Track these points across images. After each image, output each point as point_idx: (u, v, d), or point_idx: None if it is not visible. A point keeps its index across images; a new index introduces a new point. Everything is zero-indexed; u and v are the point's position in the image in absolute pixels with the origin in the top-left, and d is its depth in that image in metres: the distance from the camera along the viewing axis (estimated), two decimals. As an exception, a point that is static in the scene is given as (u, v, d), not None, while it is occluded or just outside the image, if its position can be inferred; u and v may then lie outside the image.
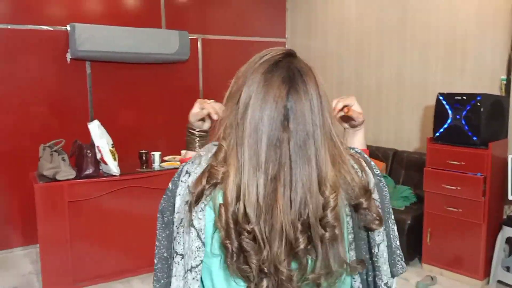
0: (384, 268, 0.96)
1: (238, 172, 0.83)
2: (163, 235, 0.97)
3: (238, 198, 0.83)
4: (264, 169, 0.82)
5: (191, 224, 0.90)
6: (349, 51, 4.50)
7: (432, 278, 3.20)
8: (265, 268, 0.82)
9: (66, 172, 3.00)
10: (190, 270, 0.92)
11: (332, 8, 4.66)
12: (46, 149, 3.13)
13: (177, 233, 0.94)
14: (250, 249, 0.82)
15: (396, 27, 4.05)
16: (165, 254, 0.96)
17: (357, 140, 1.22)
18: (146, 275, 3.24)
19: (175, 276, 0.95)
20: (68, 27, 3.84)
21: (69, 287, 3.03)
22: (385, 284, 0.97)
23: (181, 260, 0.94)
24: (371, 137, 4.19)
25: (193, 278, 0.92)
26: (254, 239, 0.81)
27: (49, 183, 2.95)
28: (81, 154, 3.11)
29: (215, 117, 1.10)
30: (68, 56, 3.90)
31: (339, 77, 4.49)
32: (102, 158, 3.10)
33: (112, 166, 3.10)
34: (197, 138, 1.19)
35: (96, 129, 3.10)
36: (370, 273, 0.97)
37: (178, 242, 0.94)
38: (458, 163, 3.12)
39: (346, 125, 1.21)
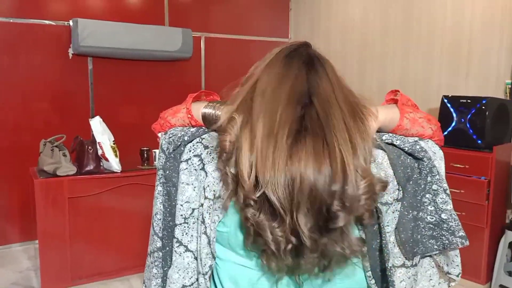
0: (395, 251, 0.92)
1: (251, 144, 0.79)
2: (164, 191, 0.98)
3: (250, 171, 0.79)
4: (278, 138, 0.78)
5: (204, 232, 0.89)
6: (352, 52, 4.48)
7: (433, 281, 3.18)
8: (285, 238, 0.79)
9: (67, 167, 2.96)
10: (204, 274, 0.91)
11: (337, 8, 4.65)
12: (47, 145, 3.10)
13: (185, 223, 0.92)
14: (267, 218, 0.78)
15: (400, 28, 4.04)
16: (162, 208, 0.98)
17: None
18: (145, 273, 3.21)
19: (176, 267, 0.93)
20: (70, 22, 3.82)
21: (68, 284, 3.00)
22: (392, 266, 0.92)
23: (184, 252, 0.92)
24: (373, 139, 4.17)
25: (206, 285, 0.92)
26: (273, 209, 0.78)
27: (49, 179, 2.92)
28: (82, 150, 3.08)
29: None
30: (70, 52, 3.87)
31: (342, 78, 4.47)
32: (103, 155, 3.07)
33: (113, 163, 3.07)
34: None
35: (97, 125, 3.07)
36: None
37: (186, 233, 0.92)
38: (462, 166, 3.10)
39: None
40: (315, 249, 0.79)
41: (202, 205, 0.90)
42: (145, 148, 3.39)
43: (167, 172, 0.95)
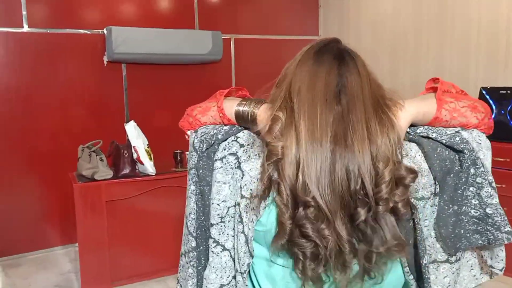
0: (437, 246, 0.91)
1: (297, 145, 0.81)
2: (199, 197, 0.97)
3: (297, 172, 0.80)
4: (322, 142, 0.80)
5: (242, 231, 0.89)
6: (384, 47, 4.40)
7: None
8: (329, 239, 0.80)
9: (104, 172, 3.04)
10: (242, 273, 0.91)
11: (366, 3, 4.57)
12: (85, 150, 3.19)
13: (222, 222, 0.92)
14: (314, 219, 0.79)
15: (434, 21, 3.93)
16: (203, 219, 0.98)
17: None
18: (182, 274, 3.25)
19: (213, 267, 0.93)
20: (104, 31, 3.92)
21: (107, 285, 3.07)
22: (435, 261, 0.91)
23: (221, 252, 0.92)
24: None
25: (244, 283, 0.92)
26: (319, 209, 0.79)
27: (87, 183, 3.00)
28: (118, 154, 3.15)
29: None
30: (105, 59, 3.97)
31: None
32: (138, 158, 3.13)
33: (148, 166, 3.13)
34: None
35: (132, 129, 3.13)
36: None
37: (223, 232, 0.92)
38: (502, 159, 2.99)
39: None
40: (353, 254, 0.81)
41: (238, 204, 0.90)
42: (178, 151, 3.43)
43: (200, 171, 0.95)
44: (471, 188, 0.91)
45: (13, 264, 3.59)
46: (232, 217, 0.92)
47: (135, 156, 3.14)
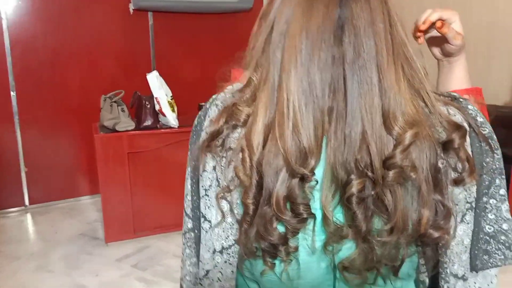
0: (463, 258, 0.72)
1: (269, 110, 0.65)
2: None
3: (265, 143, 0.65)
4: (315, 99, 0.63)
5: (222, 196, 0.74)
6: None
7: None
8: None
9: (126, 123, 2.98)
10: (221, 252, 0.76)
11: None
12: (107, 100, 3.13)
13: (206, 195, 0.79)
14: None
15: None
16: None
17: (455, 77, 0.94)
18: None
19: (205, 245, 0.80)
20: (130, -24, 3.77)
21: (131, 236, 3.08)
22: (451, 274, 0.71)
23: (210, 229, 0.79)
24: (451, 91, 3.79)
25: (225, 262, 0.76)
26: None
27: (108, 134, 2.95)
28: (140, 105, 3.07)
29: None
30: (131, 7, 3.84)
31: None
32: (160, 110, 3.04)
33: (171, 118, 3.04)
34: None
35: (154, 79, 3.02)
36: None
37: (208, 206, 0.79)
38: None
39: (438, 53, 0.95)
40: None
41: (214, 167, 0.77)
42: (203, 104, 3.31)
43: (191, 146, 0.83)
44: (491, 200, 0.72)
45: (41, 212, 3.66)
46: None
47: (157, 107, 3.05)
